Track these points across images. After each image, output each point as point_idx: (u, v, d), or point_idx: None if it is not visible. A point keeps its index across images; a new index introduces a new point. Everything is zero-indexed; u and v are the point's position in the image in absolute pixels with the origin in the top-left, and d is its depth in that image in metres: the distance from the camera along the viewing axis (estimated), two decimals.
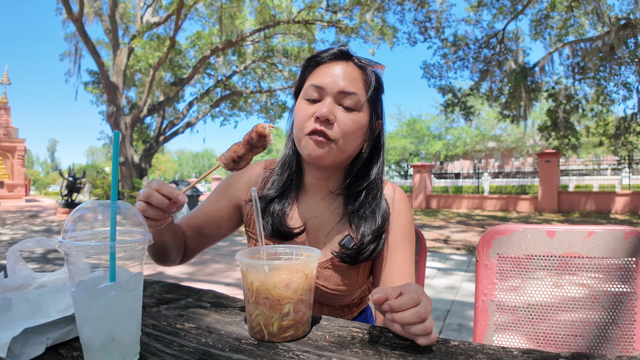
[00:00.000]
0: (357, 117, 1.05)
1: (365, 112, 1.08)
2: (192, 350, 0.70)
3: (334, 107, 1.03)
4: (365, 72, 1.08)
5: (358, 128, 1.06)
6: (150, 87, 16.78)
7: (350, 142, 1.06)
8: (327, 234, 1.15)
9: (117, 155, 0.72)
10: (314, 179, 1.16)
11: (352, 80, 1.05)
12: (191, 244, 1.25)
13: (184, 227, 1.24)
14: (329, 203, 1.17)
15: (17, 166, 26.22)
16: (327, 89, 1.04)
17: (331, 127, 1.03)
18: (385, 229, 1.13)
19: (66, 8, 13.10)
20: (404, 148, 43.36)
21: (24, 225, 12.38)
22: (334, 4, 16.74)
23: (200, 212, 1.26)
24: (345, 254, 1.09)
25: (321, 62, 1.10)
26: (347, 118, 1.04)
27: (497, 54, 16.12)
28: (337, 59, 1.08)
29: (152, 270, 6.04)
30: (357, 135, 1.07)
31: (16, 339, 0.64)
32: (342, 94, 1.03)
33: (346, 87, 1.04)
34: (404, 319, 0.71)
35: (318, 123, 1.02)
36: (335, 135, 1.03)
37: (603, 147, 18.95)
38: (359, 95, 1.05)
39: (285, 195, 1.17)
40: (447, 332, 3.53)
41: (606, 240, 1.21)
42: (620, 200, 14.74)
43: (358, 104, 1.05)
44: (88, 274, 0.63)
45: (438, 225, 12.14)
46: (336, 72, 1.05)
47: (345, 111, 1.04)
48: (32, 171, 77.02)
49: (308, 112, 1.05)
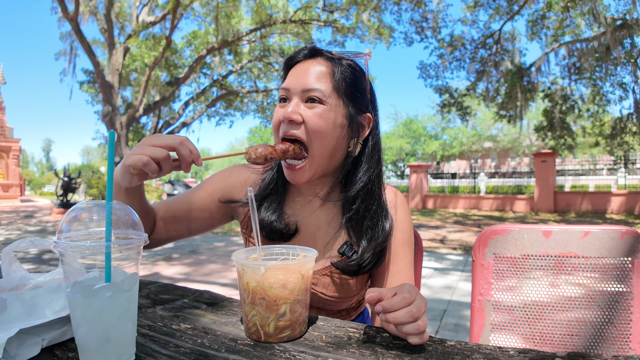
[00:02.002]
0: (322, 110, 1.00)
1: (336, 104, 1.01)
2: (188, 351, 0.69)
3: (298, 107, 1.00)
4: (334, 63, 1.04)
5: (327, 123, 1.00)
6: (146, 87, 16.72)
7: (324, 142, 1.01)
8: (324, 239, 1.13)
9: (112, 155, 0.71)
10: (308, 182, 1.11)
11: (317, 76, 1.01)
12: (163, 230, 1.21)
13: (161, 211, 1.20)
14: (325, 207, 1.14)
15: (12, 166, 26.08)
16: (292, 89, 1.02)
17: (298, 127, 1.00)
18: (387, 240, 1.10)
19: (61, 7, 13.03)
20: (401, 148, 43.49)
21: (19, 226, 12.32)
22: (330, 3, 16.73)
23: (184, 200, 1.22)
24: (345, 267, 1.06)
25: (293, 64, 1.08)
26: (312, 114, 0.99)
27: (493, 54, 16.15)
28: (307, 58, 1.07)
29: (147, 271, 6.02)
30: (329, 132, 1.01)
31: (11, 340, 0.63)
32: (306, 91, 1.01)
33: (309, 83, 1.00)
34: (396, 318, 0.71)
35: (284, 126, 1.01)
36: (303, 136, 1.00)
37: (599, 147, 19.06)
38: (322, 90, 1.00)
39: (272, 197, 1.15)
40: (443, 332, 3.53)
41: (602, 240, 1.21)
42: (616, 200, 14.82)
43: (324, 98, 1.00)
44: (83, 274, 0.63)
45: (434, 225, 12.16)
46: (301, 72, 1.03)
47: (309, 107, 1.01)
48: (27, 171, 76.71)
49: (278, 115, 1.04)
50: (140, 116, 18.18)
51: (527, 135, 40.84)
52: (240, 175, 1.23)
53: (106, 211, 0.64)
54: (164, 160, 0.87)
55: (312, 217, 1.14)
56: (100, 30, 16.85)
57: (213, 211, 1.22)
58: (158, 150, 0.86)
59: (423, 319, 0.72)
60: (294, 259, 0.85)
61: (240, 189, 1.21)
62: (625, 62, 14.17)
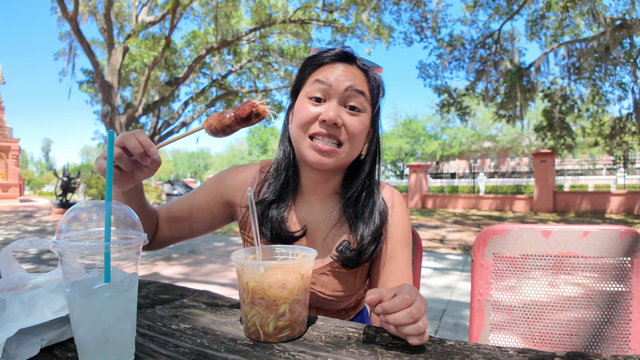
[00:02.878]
0: (363, 119, 1.04)
1: (369, 113, 1.06)
2: (187, 351, 0.69)
3: (340, 109, 1.01)
4: (369, 75, 1.07)
5: (364, 130, 1.05)
6: (146, 87, 16.70)
7: (357, 145, 1.05)
8: (324, 238, 1.14)
9: (112, 155, 0.71)
10: (311, 181, 1.13)
11: (359, 81, 1.03)
12: (166, 232, 1.23)
13: (164, 212, 1.22)
14: (326, 205, 1.15)
15: (12, 166, 26.07)
16: (334, 86, 1.01)
17: (339, 131, 1.01)
18: (384, 229, 1.12)
19: (61, 7, 13.02)
20: (400, 148, 43.53)
21: (18, 226, 12.31)
22: (330, 3, 16.73)
23: (186, 202, 1.24)
24: (346, 258, 1.07)
25: (323, 63, 1.07)
26: (354, 120, 1.02)
27: (493, 54, 16.15)
28: (340, 61, 1.06)
29: (147, 271, 6.02)
30: (362, 138, 1.06)
31: (11, 340, 0.63)
32: (350, 91, 1.01)
33: (355, 84, 1.02)
34: (396, 320, 0.71)
35: (324, 127, 1.00)
36: (344, 139, 1.02)
37: (598, 147, 19.06)
38: (365, 96, 1.03)
39: (282, 198, 1.14)
40: (443, 332, 3.54)
41: (601, 240, 1.21)
42: (615, 200, 14.82)
43: (363, 105, 1.03)
44: (83, 274, 0.63)
45: (434, 225, 12.16)
46: (342, 72, 1.03)
47: (350, 113, 1.02)
48: (27, 171, 76.59)
49: (312, 113, 1.02)
50: (139, 116, 18.16)
51: (527, 135, 40.88)
52: (239, 175, 1.23)
53: (105, 211, 0.64)
54: (117, 159, 0.87)
55: (312, 215, 1.15)
56: (99, 30, 16.83)
57: (214, 211, 1.23)
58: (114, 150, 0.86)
59: (423, 320, 0.72)
60: (294, 258, 0.85)
61: (239, 190, 1.21)
62: (624, 62, 14.17)
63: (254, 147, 66.72)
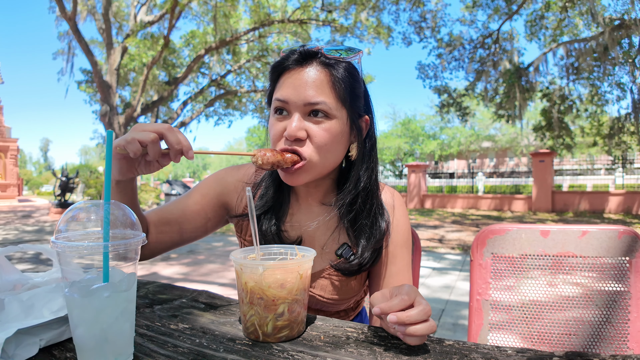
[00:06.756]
0: (330, 125, 0.96)
1: (340, 115, 0.98)
2: (186, 351, 0.69)
3: (302, 122, 0.96)
4: (333, 70, 0.98)
5: (334, 137, 0.97)
6: (144, 86, 16.69)
7: (328, 154, 0.99)
8: (322, 242, 1.12)
9: (110, 155, 0.71)
10: (304, 187, 1.11)
11: (318, 87, 0.95)
12: (158, 237, 1.14)
13: (155, 218, 1.14)
14: (323, 210, 1.12)
15: (10, 166, 26.04)
16: (291, 102, 0.96)
17: (302, 143, 0.96)
18: (385, 238, 1.10)
19: (59, 6, 12.99)
20: (399, 148, 43.52)
21: (17, 226, 12.29)
22: (329, 3, 16.72)
23: (179, 204, 1.17)
24: (345, 268, 1.05)
25: (285, 70, 1.00)
26: (319, 130, 0.96)
27: (492, 54, 16.15)
28: (300, 64, 0.98)
29: (145, 271, 6.02)
30: (335, 145, 0.99)
31: (9, 340, 0.63)
32: (309, 105, 0.95)
33: (312, 97, 0.94)
34: (417, 331, 0.69)
35: (289, 144, 0.96)
36: (308, 152, 0.96)
37: (597, 147, 19.07)
38: (327, 102, 0.95)
39: (276, 207, 1.12)
40: (441, 332, 3.54)
41: (600, 239, 1.21)
42: (613, 200, 14.85)
43: (329, 111, 0.96)
44: (81, 274, 0.63)
45: (433, 224, 12.17)
46: (299, 82, 0.96)
47: (316, 122, 0.96)
48: (25, 171, 76.52)
49: (278, 129, 0.98)
50: (138, 116, 18.13)
51: (526, 135, 40.83)
52: (234, 177, 1.20)
53: (104, 211, 0.64)
54: (151, 143, 0.83)
55: (309, 222, 1.13)
56: (98, 29, 16.82)
57: (208, 213, 1.18)
58: (146, 133, 0.83)
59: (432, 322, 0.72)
60: (292, 258, 0.85)
61: (235, 191, 1.19)
62: (623, 62, 14.18)
63: (253, 147, 66.72)
